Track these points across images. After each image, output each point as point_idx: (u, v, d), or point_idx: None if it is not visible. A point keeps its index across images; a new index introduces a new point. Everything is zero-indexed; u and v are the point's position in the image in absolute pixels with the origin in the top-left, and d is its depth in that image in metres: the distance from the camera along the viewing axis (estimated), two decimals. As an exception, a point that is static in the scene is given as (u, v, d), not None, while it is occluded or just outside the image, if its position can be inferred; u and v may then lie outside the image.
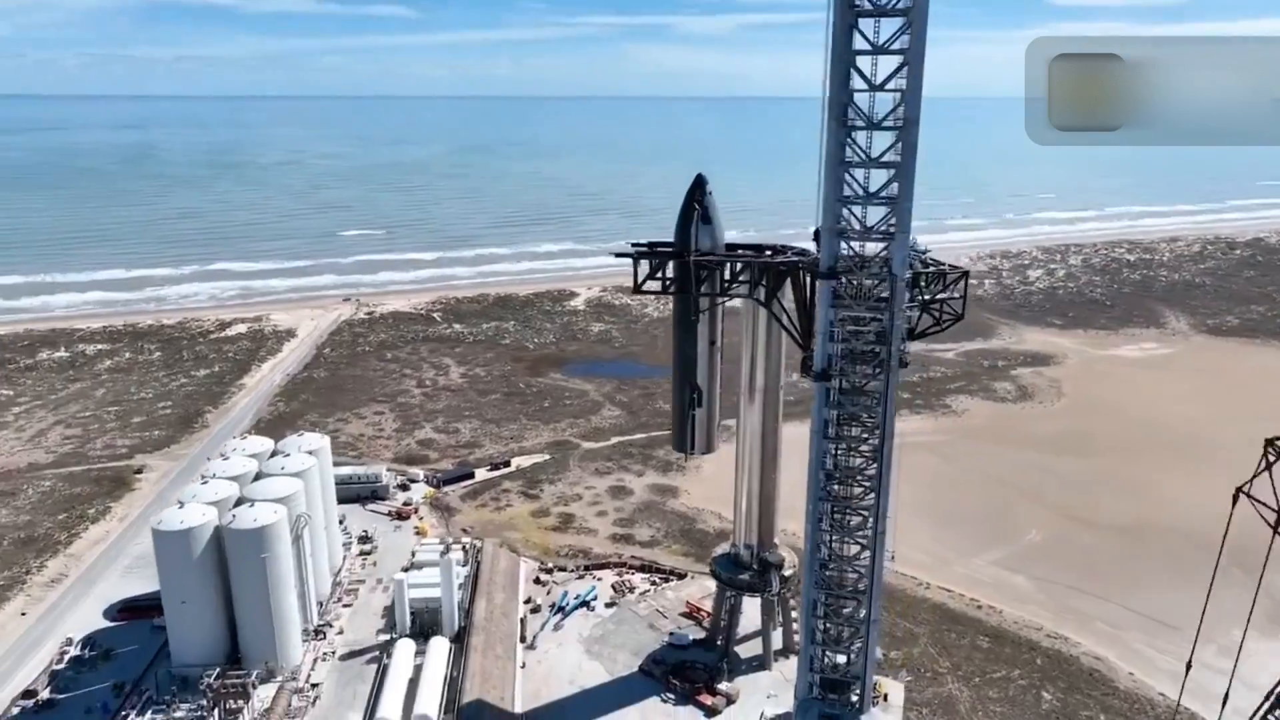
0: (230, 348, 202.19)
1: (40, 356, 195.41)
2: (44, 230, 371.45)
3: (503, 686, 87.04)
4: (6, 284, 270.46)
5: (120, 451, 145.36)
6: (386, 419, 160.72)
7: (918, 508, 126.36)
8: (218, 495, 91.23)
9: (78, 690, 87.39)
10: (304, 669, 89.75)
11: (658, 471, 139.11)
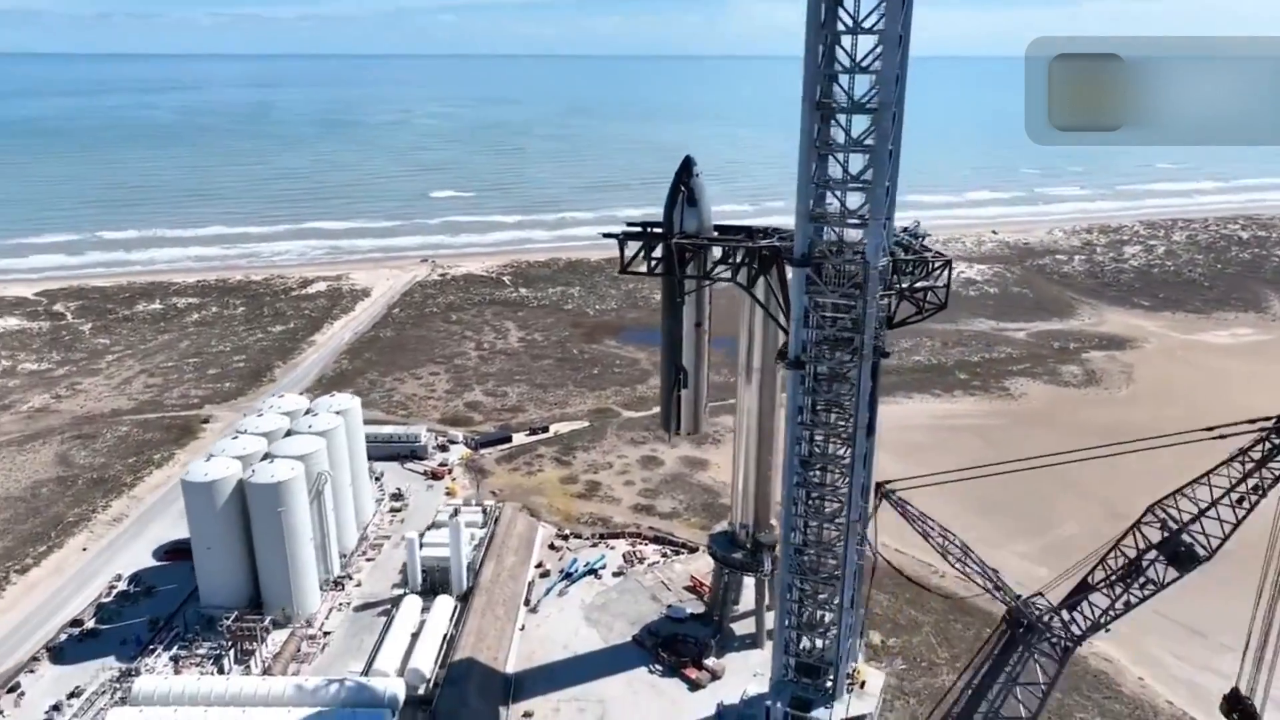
0: (308, 305, 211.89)
1: (137, 308, 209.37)
2: (162, 187, 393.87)
3: (497, 647, 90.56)
4: (121, 238, 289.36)
5: (192, 401, 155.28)
6: (440, 380, 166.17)
7: (949, 493, 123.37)
8: (245, 450, 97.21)
9: (119, 622, 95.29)
10: (319, 617, 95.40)
11: (692, 443, 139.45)
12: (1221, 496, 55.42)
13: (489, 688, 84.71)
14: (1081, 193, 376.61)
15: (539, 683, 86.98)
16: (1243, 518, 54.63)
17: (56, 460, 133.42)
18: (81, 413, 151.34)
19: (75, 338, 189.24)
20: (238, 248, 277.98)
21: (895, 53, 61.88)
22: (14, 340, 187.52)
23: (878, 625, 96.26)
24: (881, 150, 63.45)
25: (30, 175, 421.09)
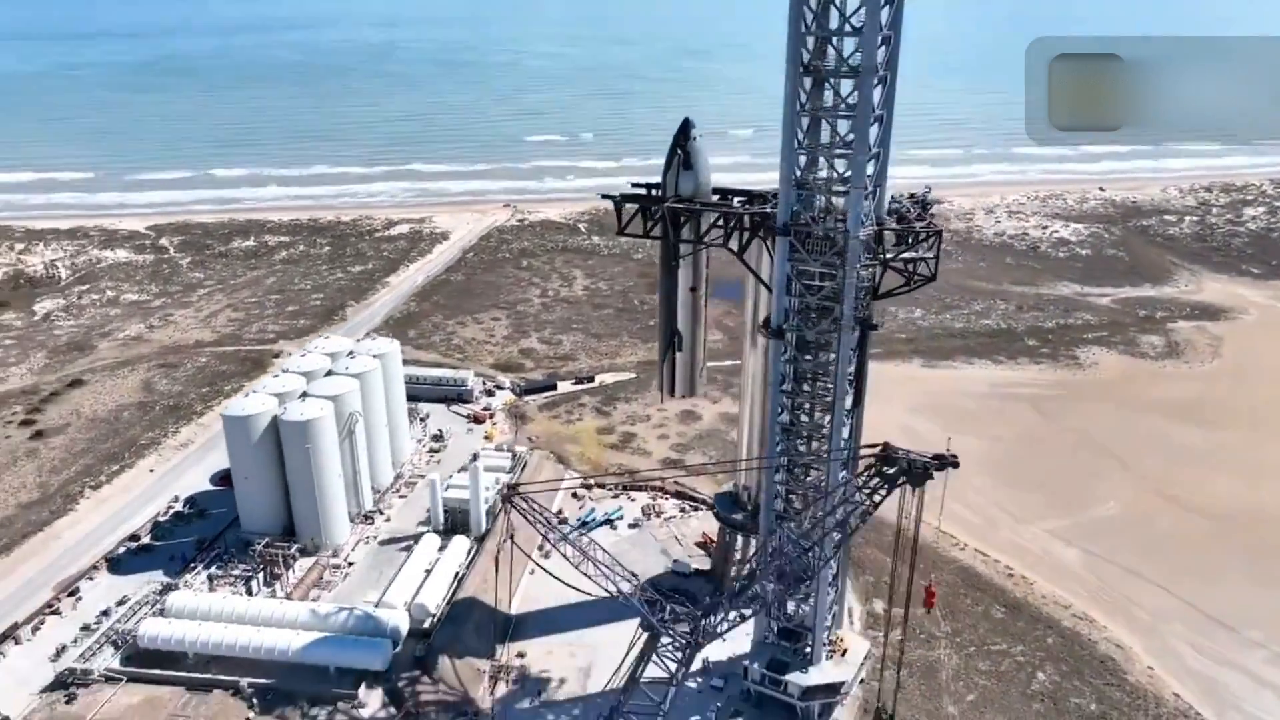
0: (388, 247, 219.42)
1: (233, 245, 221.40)
2: (275, 127, 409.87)
3: (502, 589, 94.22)
4: (230, 176, 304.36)
5: (268, 336, 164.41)
6: (500, 325, 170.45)
7: (990, 464, 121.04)
8: (283, 388, 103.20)
9: (171, 540, 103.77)
10: (345, 548, 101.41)
11: (734, 400, 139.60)
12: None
13: (488, 627, 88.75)
14: (1209, 147, 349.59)
15: (537, 626, 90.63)
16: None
17: (141, 386, 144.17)
18: (169, 343, 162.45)
19: (174, 271, 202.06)
20: (336, 188, 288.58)
21: (878, 13, 59.80)
22: (120, 272, 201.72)
23: (884, 594, 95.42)
24: (864, 115, 61.75)
25: (159, 114, 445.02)
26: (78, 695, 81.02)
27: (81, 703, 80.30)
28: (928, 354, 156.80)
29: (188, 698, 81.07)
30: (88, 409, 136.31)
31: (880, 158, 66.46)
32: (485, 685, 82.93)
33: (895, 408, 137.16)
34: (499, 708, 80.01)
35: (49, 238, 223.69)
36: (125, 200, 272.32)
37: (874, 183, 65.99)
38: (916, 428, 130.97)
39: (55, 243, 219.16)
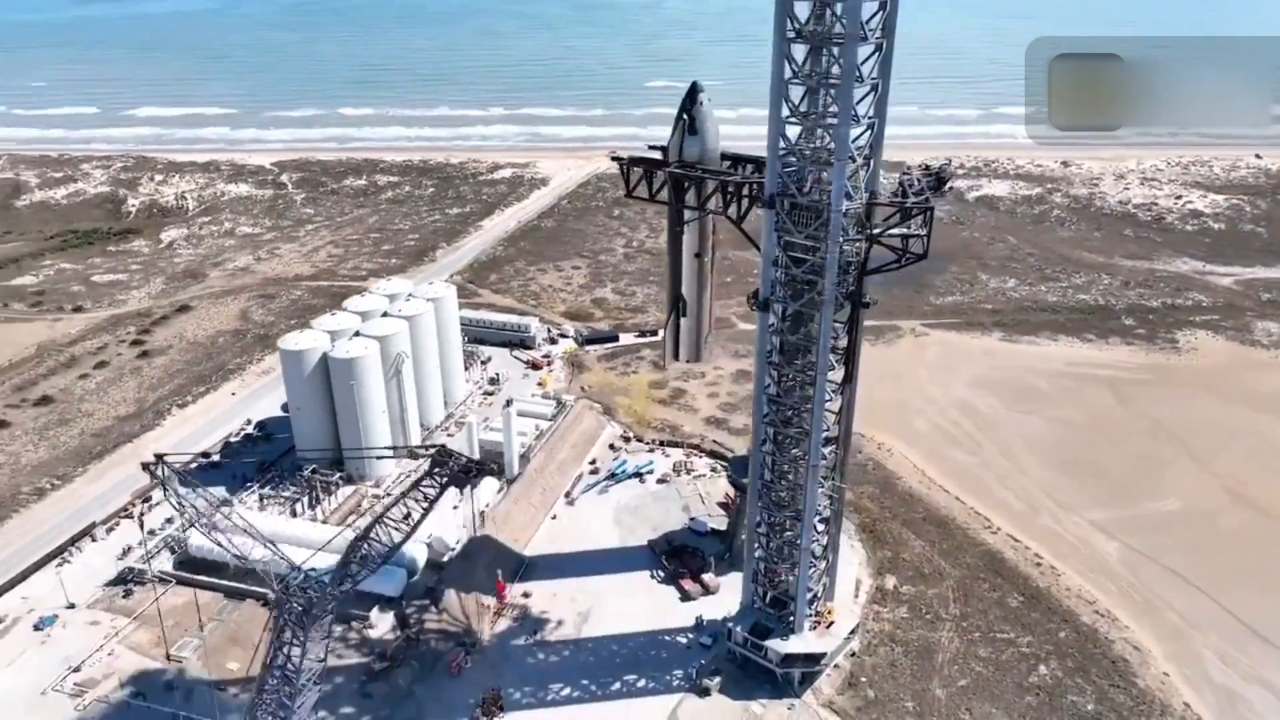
0: (489, 190, 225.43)
1: (345, 183, 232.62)
2: (408, 68, 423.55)
3: (521, 531, 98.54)
4: (357, 115, 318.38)
5: (360, 273, 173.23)
6: (579, 274, 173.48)
7: (1047, 447, 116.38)
8: (338, 326, 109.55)
9: (237, 460, 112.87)
10: (386, 481, 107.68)
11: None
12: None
13: (499, 565, 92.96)
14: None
15: (548, 569, 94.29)
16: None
17: (238, 315, 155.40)
18: (271, 275, 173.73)
19: (288, 206, 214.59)
20: (453, 130, 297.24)
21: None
22: (240, 205, 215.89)
23: (899, 570, 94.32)
24: (846, 85, 59.95)
25: (305, 54, 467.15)
26: (134, 591, 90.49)
27: (135, 598, 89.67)
28: (1010, 327, 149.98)
29: (224, 604, 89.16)
30: (190, 333, 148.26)
31: (875, 128, 64.45)
32: (489, 620, 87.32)
33: (958, 381, 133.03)
34: (494, 641, 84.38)
35: (185, 170, 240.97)
36: (260, 136, 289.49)
37: (865, 154, 64.20)
38: (976, 403, 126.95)
39: (190, 175, 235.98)
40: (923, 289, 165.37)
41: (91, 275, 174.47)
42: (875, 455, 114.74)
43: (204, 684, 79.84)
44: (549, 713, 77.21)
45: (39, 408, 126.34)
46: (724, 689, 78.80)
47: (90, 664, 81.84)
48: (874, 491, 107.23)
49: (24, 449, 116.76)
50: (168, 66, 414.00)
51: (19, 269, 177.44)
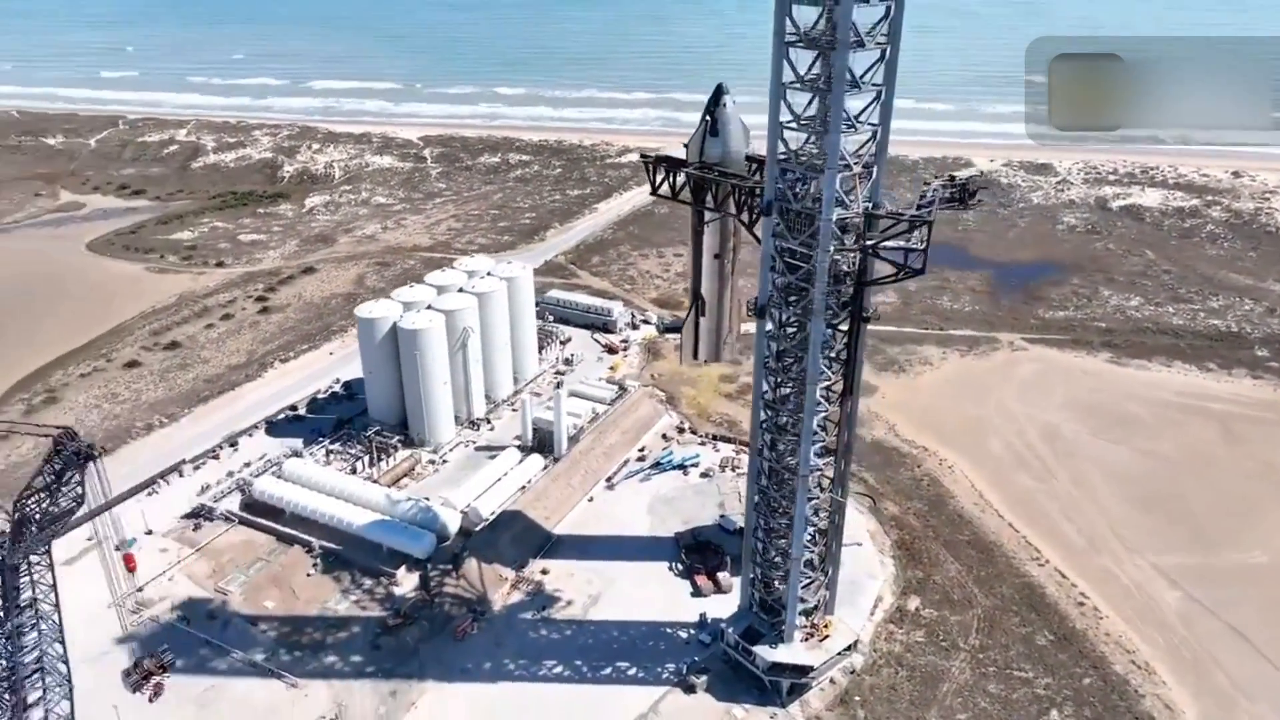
0: (612, 174, 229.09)
1: (479, 160, 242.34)
2: (570, 50, 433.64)
3: (554, 510, 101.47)
4: (509, 94, 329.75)
5: (472, 248, 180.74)
6: (679, 261, 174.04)
7: (1130, 480, 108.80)
8: (413, 297, 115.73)
9: (319, 415, 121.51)
10: (444, 448, 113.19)
11: (877, 369, 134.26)
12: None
13: (525, 540, 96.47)
14: None
15: (572, 549, 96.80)
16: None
17: (354, 280, 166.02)
18: (393, 244, 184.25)
19: (422, 180, 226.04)
20: (595, 111, 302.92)
21: (852, 0, 55.82)
22: (379, 176, 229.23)
23: (926, 592, 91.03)
24: (837, 92, 58.65)
25: (473, 34, 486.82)
26: (202, 526, 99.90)
27: (202, 533, 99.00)
28: (1122, 349, 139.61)
29: (275, 547, 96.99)
30: (308, 294, 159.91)
31: (879, 136, 62.49)
32: (504, 591, 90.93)
33: (1048, 401, 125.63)
34: (504, 612, 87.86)
35: (341, 141, 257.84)
36: (417, 111, 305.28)
37: (864, 162, 62.36)
38: (1060, 427, 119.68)
39: (343, 146, 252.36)
40: (1033, 300, 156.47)
41: (238, 234, 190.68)
42: (934, 471, 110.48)
43: (240, 617, 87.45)
44: (536, 687, 79.88)
45: (167, 351, 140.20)
46: (710, 688, 79.04)
47: (152, 586, 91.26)
48: (921, 509, 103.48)
49: (146, 387, 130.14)
50: (349, 43, 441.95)
51: (181, 225, 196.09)
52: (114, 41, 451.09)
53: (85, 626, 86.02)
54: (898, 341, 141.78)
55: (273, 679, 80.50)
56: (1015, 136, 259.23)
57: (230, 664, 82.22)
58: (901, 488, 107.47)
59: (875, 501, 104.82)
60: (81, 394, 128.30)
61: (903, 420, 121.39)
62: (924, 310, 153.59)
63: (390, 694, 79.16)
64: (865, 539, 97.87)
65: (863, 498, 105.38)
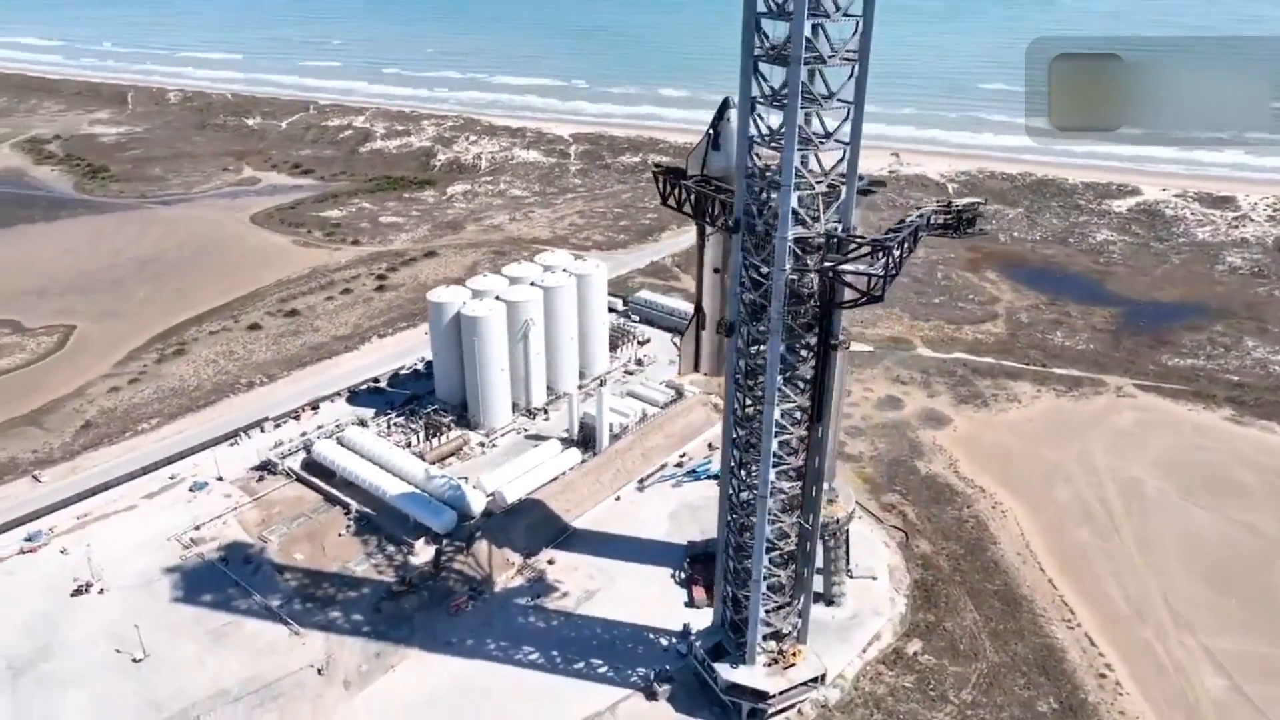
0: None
1: (619, 159, 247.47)
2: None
3: (578, 503, 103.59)
4: (672, 95, 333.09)
5: (586, 244, 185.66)
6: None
7: (1207, 551, 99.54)
8: (485, 286, 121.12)
9: (396, 390, 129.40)
10: (497, 433, 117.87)
11: (958, 401, 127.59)
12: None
13: (540, 529, 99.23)
14: None
15: (584, 544, 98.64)
16: None
17: (468, 267, 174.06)
18: (514, 235, 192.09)
19: (560, 175, 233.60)
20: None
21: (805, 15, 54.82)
22: (521, 169, 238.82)
23: (932, 637, 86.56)
24: (791, 107, 57.74)
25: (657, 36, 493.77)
26: (265, 478, 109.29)
27: (263, 484, 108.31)
28: (1248, 406, 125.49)
29: (320, 505, 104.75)
30: (423, 276, 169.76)
31: (848, 154, 60.68)
32: (508, 575, 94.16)
33: (1140, 454, 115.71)
34: (501, 595, 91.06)
35: (498, 134, 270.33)
36: (578, 109, 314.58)
37: (829, 181, 60.71)
38: (1145, 484, 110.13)
39: (497, 138, 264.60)
40: (1160, 345, 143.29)
41: (380, 216, 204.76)
42: (983, 514, 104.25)
43: (270, 565, 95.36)
44: (510, 670, 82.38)
45: (287, 318, 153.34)
46: (673, 699, 78.98)
47: (207, 526, 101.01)
48: (956, 551, 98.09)
49: (259, 349, 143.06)
50: (532, 42, 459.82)
51: (334, 204, 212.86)
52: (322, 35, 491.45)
53: (147, 553, 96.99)
54: (991, 375, 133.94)
55: (280, 624, 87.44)
56: (1200, 165, 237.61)
57: (250, 605, 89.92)
58: (942, 527, 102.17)
59: (907, 537, 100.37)
60: (205, 349, 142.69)
61: (967, 457, 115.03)
62: (1030, 344, 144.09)
63: (375, 655, 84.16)
64: (883, 574, 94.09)
65: (895, 531, 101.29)
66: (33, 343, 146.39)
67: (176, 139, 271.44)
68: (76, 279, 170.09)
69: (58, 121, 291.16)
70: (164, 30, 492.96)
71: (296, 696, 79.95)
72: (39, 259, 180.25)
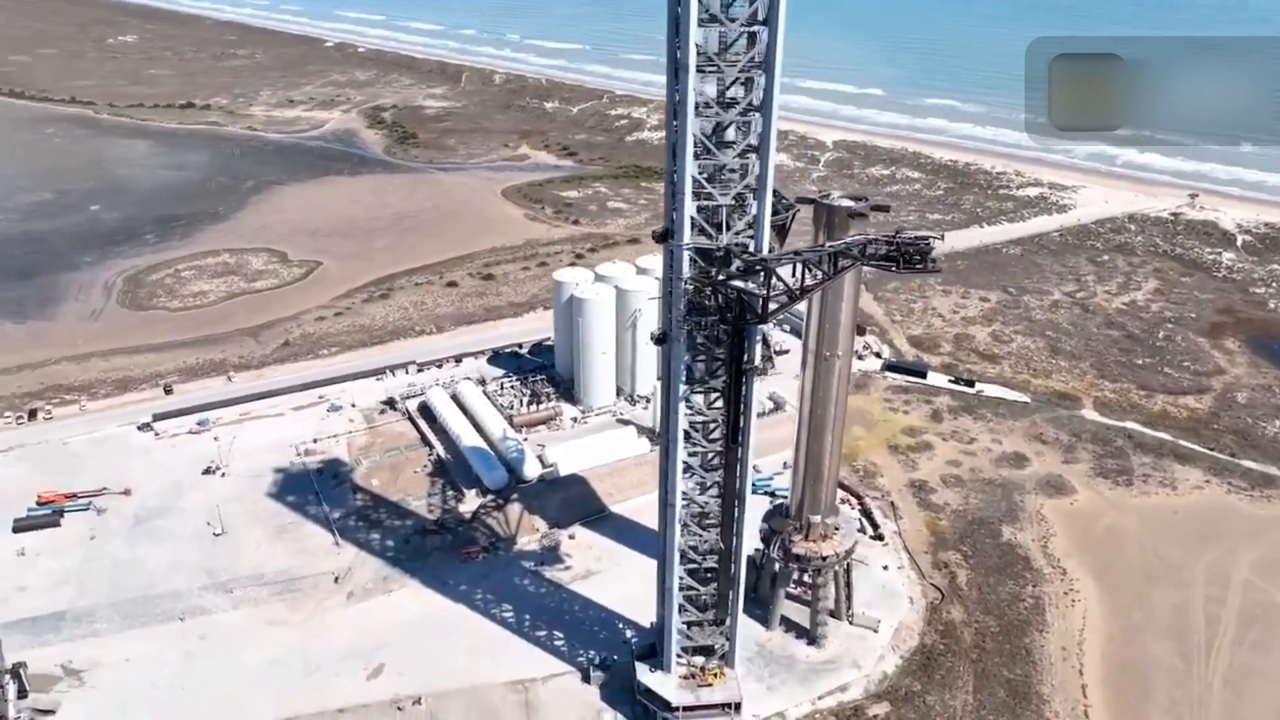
0: (991, 205, 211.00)
1: (867, 170, 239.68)
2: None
3: (623, 490, 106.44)
4: (970, 111, 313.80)
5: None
6: (978, 307, 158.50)
7: None
8: (611, 272, 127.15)
9: (532, 358, 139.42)
10: (593, 411, 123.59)
11: (1092, 474, 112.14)
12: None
13: (576, 505, 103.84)
14: None
15: (610, 528, 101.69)
16: None
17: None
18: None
19: (798, 180, 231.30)
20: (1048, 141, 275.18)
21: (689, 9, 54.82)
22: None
23: (903, 706, 79.75)
24: (681, 116, 58.19)
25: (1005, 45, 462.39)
26: (386, 412, 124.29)
27: (382, 417, 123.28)
28: None
29: (413, 444, 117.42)
30: (616, 259, 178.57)
31: (757, 167, 58.95)
32: (530, 539, 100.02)
33: (1244, 554, 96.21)
34: (512, 554, 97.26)
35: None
36: (864, 117, 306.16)
37: (724, 190, 59.51)
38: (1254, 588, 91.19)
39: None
40: None
41: (609, 201, 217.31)
42: (1047, 597, 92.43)
43: (349, 485, 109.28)
44: (482, 621, 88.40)
45: (482, 280, 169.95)
46: (605, 686, 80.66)
47: (322, 442, 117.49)
48: (990, 626, 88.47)
49: (445, 303, 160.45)
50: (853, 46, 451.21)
51: (577, 185, 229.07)
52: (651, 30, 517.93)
53: (270, 452, 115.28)
54: (1157, 452, 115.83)
55: (329, 533, 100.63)
56: None
57: (316, 512, 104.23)
58: (989, 599, 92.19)
59: (943, 597, 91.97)
60: (404, 297, 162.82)
61: (1067, 533, 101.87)
62: (1231, 428, 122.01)
63: (384, 578, 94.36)
64: (889, 628, 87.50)
65: (931, 589, 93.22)
66: (287, 271, 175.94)
67: (481, 115, 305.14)
68: (343, 225, 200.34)
69: (402, 94, 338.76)
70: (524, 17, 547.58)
71: (308, 594, 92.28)
72: (326, 205, 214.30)
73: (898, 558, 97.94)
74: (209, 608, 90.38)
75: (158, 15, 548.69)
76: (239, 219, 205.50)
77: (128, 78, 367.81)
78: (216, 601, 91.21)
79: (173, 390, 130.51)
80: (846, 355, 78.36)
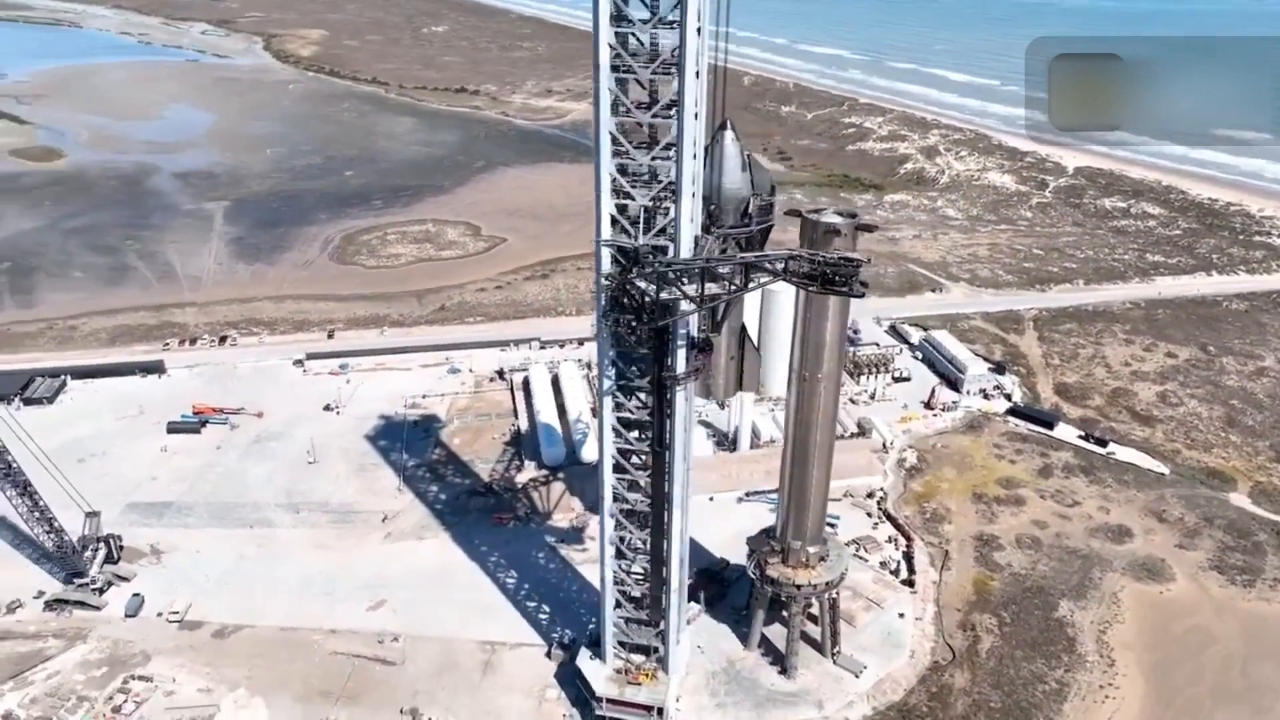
0: (1237, 251, 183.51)
1: (1101, 201, 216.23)
2: None
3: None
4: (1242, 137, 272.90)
5: (961, 275, 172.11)
6: (1160, 363, 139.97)
7: None
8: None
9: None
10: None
11: (1209, 564, 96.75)
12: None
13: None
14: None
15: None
16: None
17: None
18: (898, 253, 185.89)
19: (1015, 205, 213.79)
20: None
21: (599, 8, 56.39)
22: (977, 190, 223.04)
23: (854, 758, 75.28)
24: (596, 114, 60.22)
25: None
26: (495, 380, 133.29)
27: (490, 385, 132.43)
28: None
29: (504, 413, 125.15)
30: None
31: (674, 167, 58.79)
32: (566, 516, 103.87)
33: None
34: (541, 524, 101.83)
35: (992, 153, 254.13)
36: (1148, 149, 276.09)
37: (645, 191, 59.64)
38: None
39: (985, 157, 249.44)
40: None
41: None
42: (1077, 685, 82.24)
43: (432, 440, 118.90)
44: (484, 579, 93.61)
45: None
46: (562, 665, 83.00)
47: (429, 399, 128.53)
48: (992, 702, 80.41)
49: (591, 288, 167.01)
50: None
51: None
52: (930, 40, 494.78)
53: (384, 400, 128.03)
54: None
55: (397, 477, 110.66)
56: None
57: (395, 458, 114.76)
58: (1006, 676, 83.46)
59: (954, 658, 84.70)
60: (561, 279, 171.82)
61: (1139, 624, 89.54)
62: None
63: (422, 526, 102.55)
64: (874, 676, 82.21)
65: (945, 649, 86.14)
66: (474, 244, 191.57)
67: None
68: (541, 207, 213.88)
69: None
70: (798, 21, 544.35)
71: (357, 527, 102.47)
72: (535, 187, 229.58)
73: (922, 608, 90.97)
74: (275, 522, 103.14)
75: (472, 9, 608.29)
76: (457, 194, 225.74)
77: (424, 63, 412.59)
78: (283, 518, 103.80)
79: (334, 335, 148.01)
80: (832, 378, 74.73)
